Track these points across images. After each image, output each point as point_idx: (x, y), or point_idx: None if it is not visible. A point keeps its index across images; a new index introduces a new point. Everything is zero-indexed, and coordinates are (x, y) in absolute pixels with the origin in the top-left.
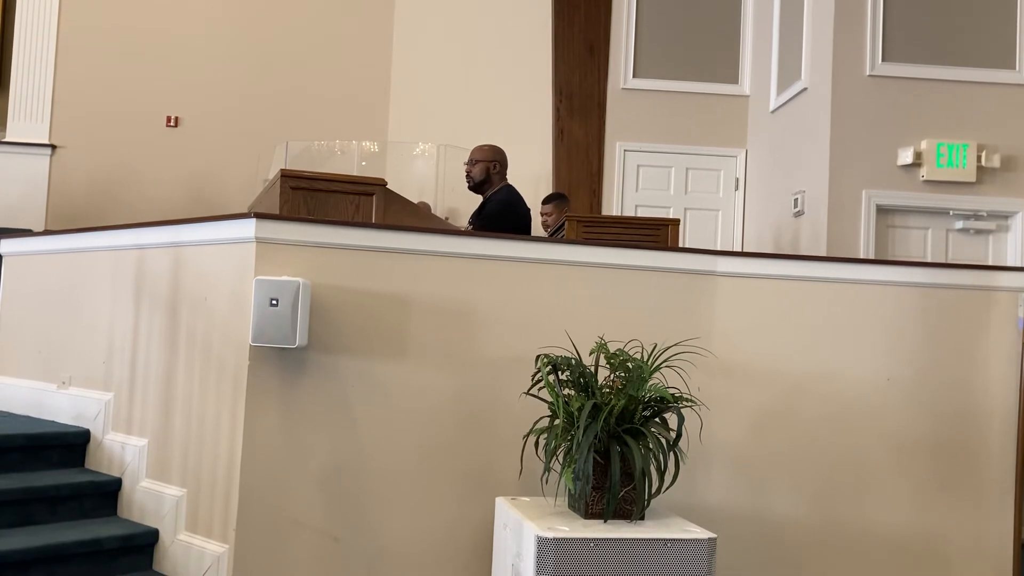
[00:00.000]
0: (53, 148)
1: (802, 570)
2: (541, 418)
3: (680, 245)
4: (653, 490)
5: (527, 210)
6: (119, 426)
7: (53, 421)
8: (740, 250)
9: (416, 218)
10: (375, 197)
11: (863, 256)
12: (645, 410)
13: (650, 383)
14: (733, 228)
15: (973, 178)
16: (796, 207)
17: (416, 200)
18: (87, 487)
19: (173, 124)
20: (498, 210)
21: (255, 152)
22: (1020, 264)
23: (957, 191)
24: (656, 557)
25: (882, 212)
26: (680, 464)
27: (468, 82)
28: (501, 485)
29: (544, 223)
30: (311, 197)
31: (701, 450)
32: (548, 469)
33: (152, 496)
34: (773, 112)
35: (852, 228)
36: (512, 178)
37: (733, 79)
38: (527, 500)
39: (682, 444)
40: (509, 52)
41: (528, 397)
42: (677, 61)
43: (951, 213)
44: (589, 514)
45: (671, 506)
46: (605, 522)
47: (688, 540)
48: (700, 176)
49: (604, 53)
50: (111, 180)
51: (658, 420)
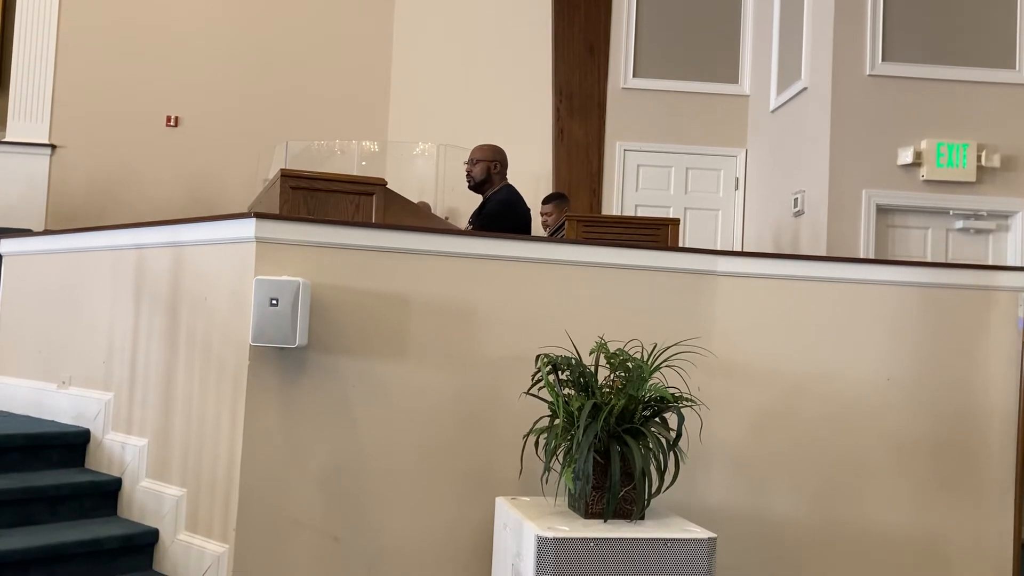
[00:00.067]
0: (53, 148)
1: (802, 570)
2: (541, 418)
3: (680, 245)
4: (653, 490)
5: (527, 210)
6: (119, 426)
7: (53, 421)
8: (740, 250)
9: (416, 218)
10: (375, 197)
11: (863, 256)
12: (645, 410)
13: (650, 383)
14: (733, 228)
15: (973, 178)
16: (796, 207)
17: (416, 200)
18: (87, 487)
19: (173, 124)
20: (498, 210)
21: (255, 152)
22: (1020, 264)
23: (957, 191)
24: (656, 557)
25: (882, 212)
26: (680, 464)
27: (468, 82)
28: (501, 485)
29: (544, 223)
30: (311, 197)
31: (701, 450)
32: (548, 469)
33: (152, 496)
34: (773, 112)
35: (852, 228)
36: (512, 178)
37: (733, 79)
38: (527, 500)
39: (682, 444)
40: (509, 52)
41: (528, 397)
42: (677, 61)
43: (951, 213)
44: (589, 514)
45: (671, 506)
46: (605, 522)
47: (688, 540)
48: (700, 176)
49: (604, 53)
50: (111, 180)
51: (658, 420)
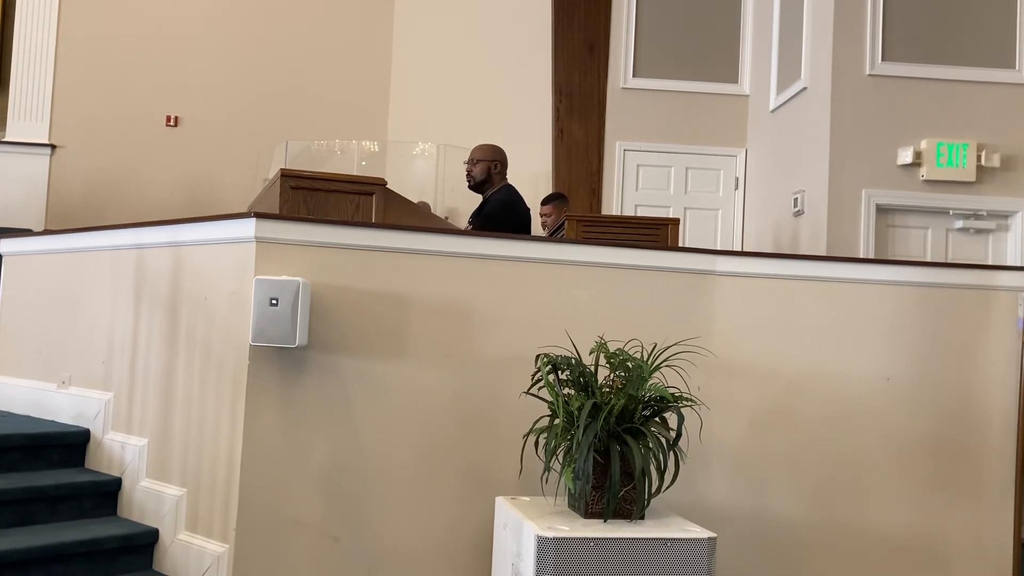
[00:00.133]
0: (53, 148)
1: (802, 570)
2: (541, 418)
3: (680, 245)
4: (653, 490)
5: (527, 210)
6: (119, 426)
7: (53, 421)
8: (740, 250)
9: (416, 218)
10: (375, 197)
11: (863, 256)
12: (645, 409)
13: (650, 382)
14: (733, 228)
15: (973, 177)
16: (796, 207)
17: (416, 200)
18: (87, 487)
19: (173, 124)
20: (498, 210)
21: (255, 152)
22: (1020, 264)
23: (957, 191)
24: (656, 557)
25: (882, 211)
26: (680, 464)
27: (468, 82)
28: (501, 485)
29: (543, 224)
30: (311, 197)
31: (701, 449)
32: (548, 469)
33: (152, 496)
34: (773, 112)
35: (852, 228)
36: (512, 178)
37: (733, 79)
38: (527, 500)
39: (682, 443)
40: (509, 52)
41: (528, 397)
42: (677, 61)
43: (951, 213)
44: (589, 514)
45: (671, 505)
46: (605, 522)
47: (688, 540)
48: (700, 176)
49: (604, 52)
50: (111, 180)
51: (658, 419)
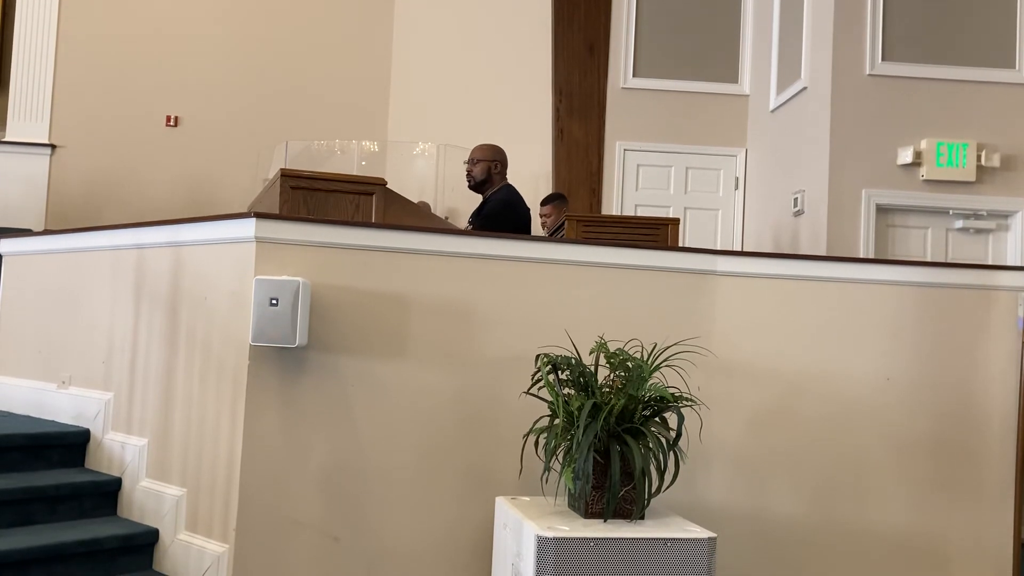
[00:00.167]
0: (53, 148)
1: (802, 570)
2: (541, 417)
3: (680, 245)
4: (653, 489)
5: (527, 210)
6: (119, 426)
7: (53, 421)
8: (740, 250)
9: (416, 218)
10: (375, 197)
11: (863, 255)
12: (645, 409)
13: (650, 382)
14: (733, 228)
15: (973, 177)
16: (796, 206)
17: (416, 200)
18: (87, 487)
19: (173, 124)
20: (498, 210)
21: (255, 152)
22: (1020, 263)
23: (957, 190)
24: (656, 557)
25: (882, 211)
26: (680, 464)
27: (468, 82)
28: (501, 485)
29: (543, 224)
30: (311, 197)
31: (701, 449)
32: (548, 469)
33: (152, 496)
34: (773, 111)
35: (852, 227)
36: (512, 178)
37: (733, 78)
38: (527, 500)
39: (682, 443)
40: (509, 52)
41: (528, 397)
42: (677, 60)
43: (951, 212)
44: (589, 514)
45: (671, 505)
46: (605, 522)
47: (688, 539)
48: (700, 175)
49: (604, 52)
50: (111, 180)
51: (658, 419)
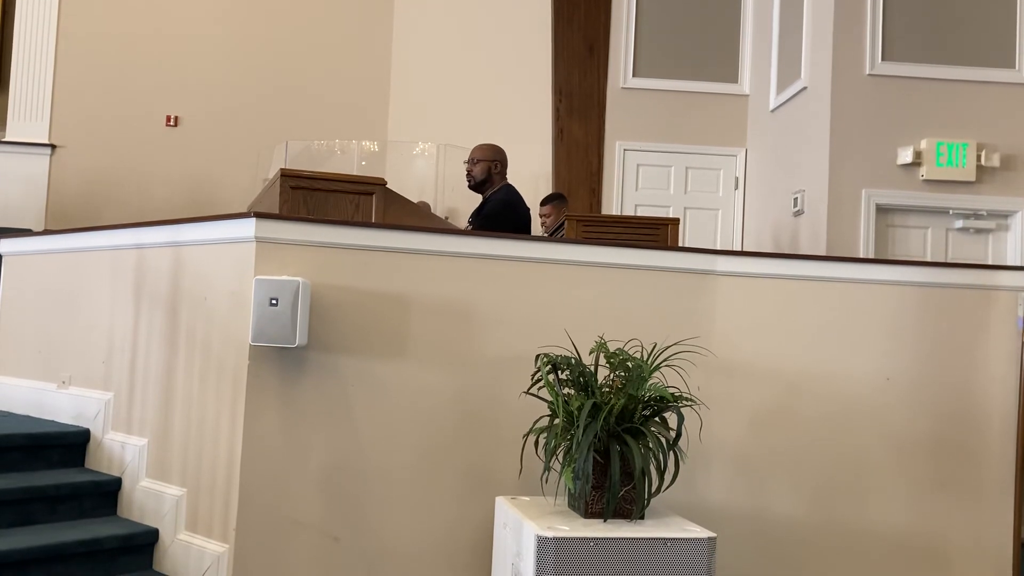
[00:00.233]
0: (53, 148)
1: (802, 570)
2: (541, 417)
3: (680, 245)
4: (653, 489)
5: (527, 210)
6: (119, 426)
7: (53, 421)
8: (740, 249)
9: (416, 218)
10: (375, 197)
11: (863, 255)
12: (645, 409)
13: (650, 382)
14: (733, 227)
15: (973, 177)
16: (796, 206)
17: (416, 200)
18: (87, 487)
19: (173, 124)
20: (498, 210)
21: (255, 152)
22: (1020, 263)
23: (957, 190)
24: (656, 556)
25: (882, 211)
26: (680, 463)
27: (468, 82)
28: (501, 485)
29: (543, 224)
30: (311, 197)
31: (701, 449)
32: (548, 468)
33: (152, 496)
34: (773, 111)
35: (852, 227)
36: (512, 178)
37: (733, 78)
38: (527, 499)
39: (682, 443)
40: (509, 52)
41: (528, 397)
42: (677, 60)
43: (951, 212)
44: (589, 513)
45: (671, 505)
46: (605, 521)
47: (688, 539)
48: (700, 175)
49: (604, 52)
50: (111, 180)
51: (658, 419)
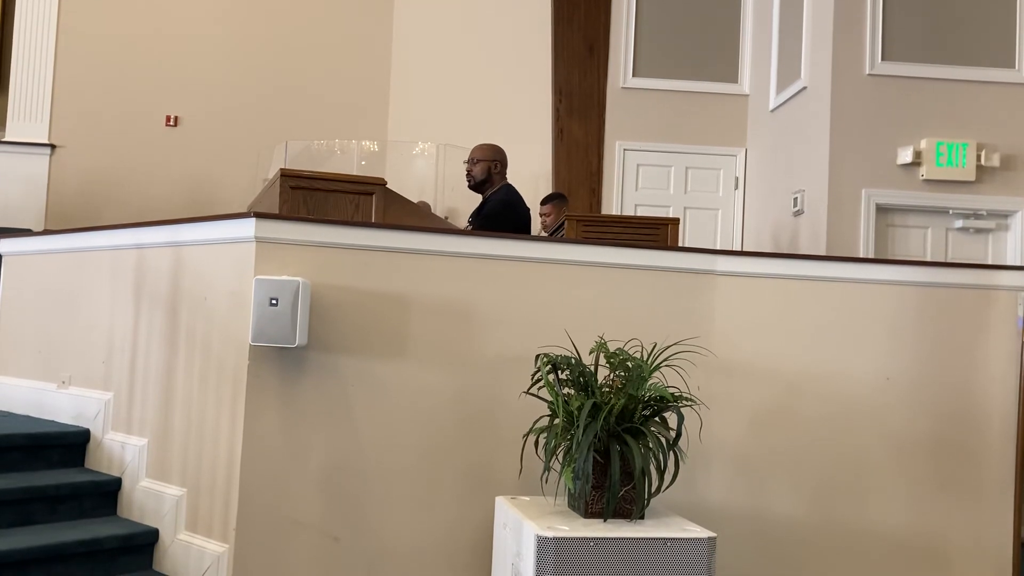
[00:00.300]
0: (53, 148)
1: (802, 570)
2: (541, 417)
3: (680, 244)
4: (653, 489)
5: (527, 210)
6: (119, 426)
7: (53, 421)
8: (740, 249)
9: (416, 218)
10: (375, 197)
11: (863, 255)
12: (645, 409)
13: (650, 382)
14: (733, 227)
15: (972, 177)
16: (796, 206)
17: (416, 200)
18: (87, 487)
19: (173, 124)
20: (498, 210)
21: (255, 152)
22: (1020, 263)
23: (957, 190)
24: (656, 556)
25: (882, 211)
26: (680, 463)
27: (468, 82)
28: (501, 484)
29: (543, 223)
30: (311, 196)
31: (701, 449)
32: (548, 468)
33: (152, 496)
34: (773, 111)
35: (852, 227)
36: (512, 178)
37: (733, 78)
38: (527, 499)
39: (682, 443)
40: (509, 52)
41: (528, 397)
42: (677, 60)
43: (951, 212)
44: (589, 513)
45: (671, 505)
46: (605, 521)
47: (688, 539)
48: (700, 175)
49: (604, 52)
50: (110, 180)
51: (658, 419)
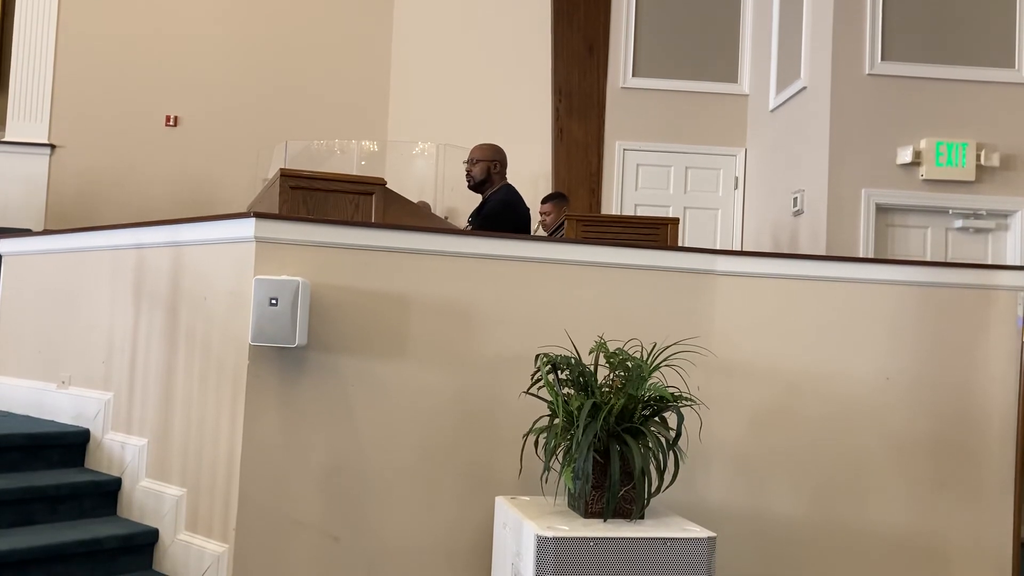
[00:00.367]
0: (52, 148)
1: (802, 569)
2: (541, 417)
3: (679, 244)
4: (653, 489)
5: (526, 210)
6: (119, 426)
7: (53, 421)
8: (739, 249)
9: (416, 218)
10: (375, 196)
11: (862, 255)
12: (644, 409)
13: (649, 382)
14: (732, 227)
15: (972, 177)
16: (795, 206)
17: (416, 200)
18: (87, 487)
19: (172, 124)
20: (498, 210)
21: (255, 152)
22: (1019, 263)
23: (956, 190)
24: (656, 556)
25: (881, 211)
26: (680, 463)
27: (468, 82)
28: (501, 484)
29: (543, 222)
30: (310, 196)
31: (701, 449)
32: (548, 468)
33: (152, 496)
34: (772, 111)
35: (851, 227)
36: (512, 178)
37: (732, 78)
38: (527, 499)
39: (682, 443)
40: (509, 52)
41: (528, 397)
42: (676, 60)
43: (950, 212)
44: (589, 513)
45: (671, 505)
46: (605, 521)
47: (688, 539)
48: (699, 175)
49: (603, 52)
50: (110, 180)
51: (658, 419)
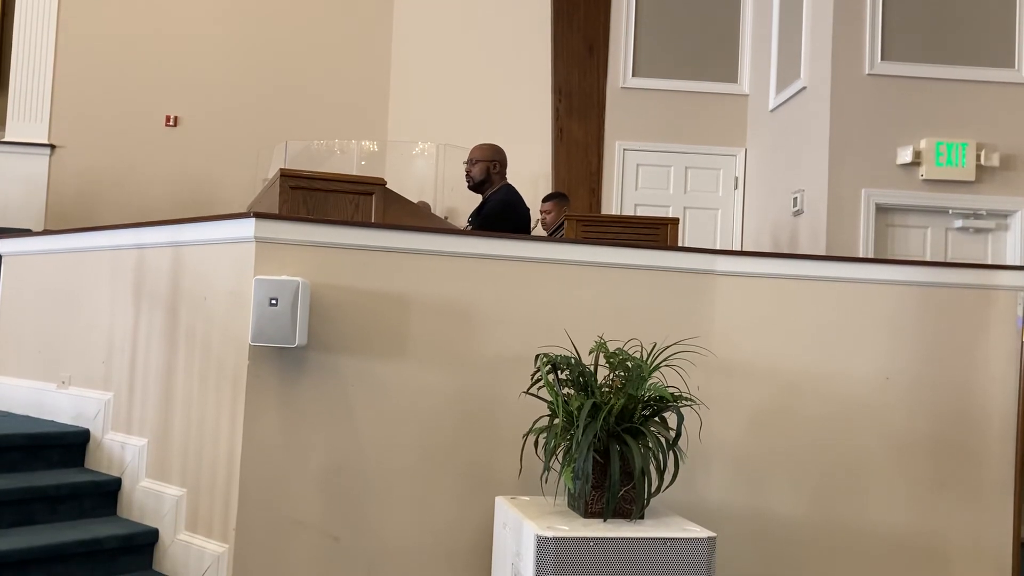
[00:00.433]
0: (52, 148)
1: (802, 569)
2: (541, 417)
3: (679, 244)
4: (653, 489)
5: (526, 210)
6: (119, 426)
7: (53, 421)
8: (739, 249)
9: (416, 218)
10: (374, 197)
11: (862, 255)
12: (644, 409)
13: (649, 382)
14: (732, 227)
15: (972, 177)
16: (795, 206)
17: (416, 200)
18: (87, 487)
19: (172, 124)
20: (498, 210)
21: (255, 152)
22: (1019, 263)
23: (956, 190)
24: (656, 556)
25: (881, 211)
26: (679, 463)
27: (468, 82)
28: (501, 484)
29: (543, 222)
30: (310, 196)
31: (701, 449)
32: (548, 468)
33: (152, 496)
34: (772, 111)
35: (851, 227)
36: (511, 177)
37: (732, 78)
38: (527, 499)
39: (681, 443)
40: (509, 52)
41: (528, 397)
42: (676, 60)
43: (950, 212)
44: (589, 513)
45: (671, 505)
46: (605, 521)
47: (687, 539)
48: (699, 175)
49: (603, 52)
50: (110, 180)
51: (657, 419)
